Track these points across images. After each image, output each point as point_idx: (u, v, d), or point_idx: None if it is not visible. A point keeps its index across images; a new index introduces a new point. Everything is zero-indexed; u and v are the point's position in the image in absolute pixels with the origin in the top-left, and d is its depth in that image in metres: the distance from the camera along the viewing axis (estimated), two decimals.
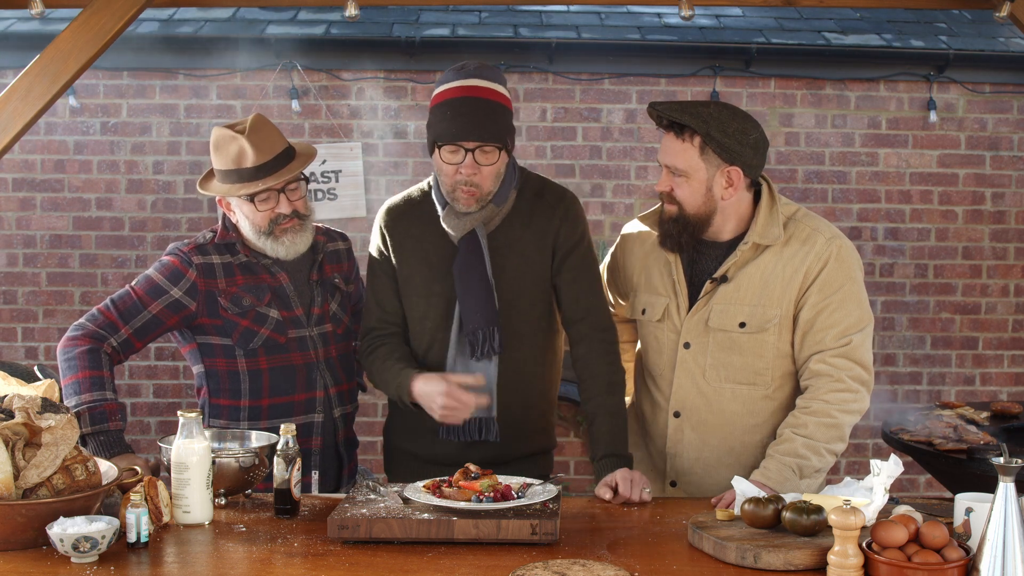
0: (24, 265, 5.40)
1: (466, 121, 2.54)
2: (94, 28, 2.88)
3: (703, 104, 2.61)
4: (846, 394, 2.54)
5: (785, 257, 2.60)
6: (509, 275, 2.68)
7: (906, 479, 5.36)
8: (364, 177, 5.37)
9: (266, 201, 2.72)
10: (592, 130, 5.45)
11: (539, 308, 2.72)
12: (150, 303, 2.72)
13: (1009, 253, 5.60)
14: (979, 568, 1.84)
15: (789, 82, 5.48)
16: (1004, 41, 5.57)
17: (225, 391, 2.79)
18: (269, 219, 2.74)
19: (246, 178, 2.70)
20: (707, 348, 2.64)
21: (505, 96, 2.63)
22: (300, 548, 2.14)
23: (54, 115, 5.31)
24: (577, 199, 2.79)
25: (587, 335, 2.69)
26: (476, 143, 2.55)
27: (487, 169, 2.58)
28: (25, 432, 2.15)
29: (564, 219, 2.71)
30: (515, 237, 2.69)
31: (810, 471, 2.53)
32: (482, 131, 2.55)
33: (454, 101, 2.56)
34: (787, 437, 2.53)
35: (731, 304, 2.61)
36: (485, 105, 2.56)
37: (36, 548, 2.10)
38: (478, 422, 2.66)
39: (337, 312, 2.89)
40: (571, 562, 1.99)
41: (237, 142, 2.70)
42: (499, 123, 2.58)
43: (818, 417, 2.53)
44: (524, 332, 2.71)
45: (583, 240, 2.74)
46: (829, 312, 2.57)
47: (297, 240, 2.77)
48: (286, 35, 5.31)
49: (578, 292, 2.70)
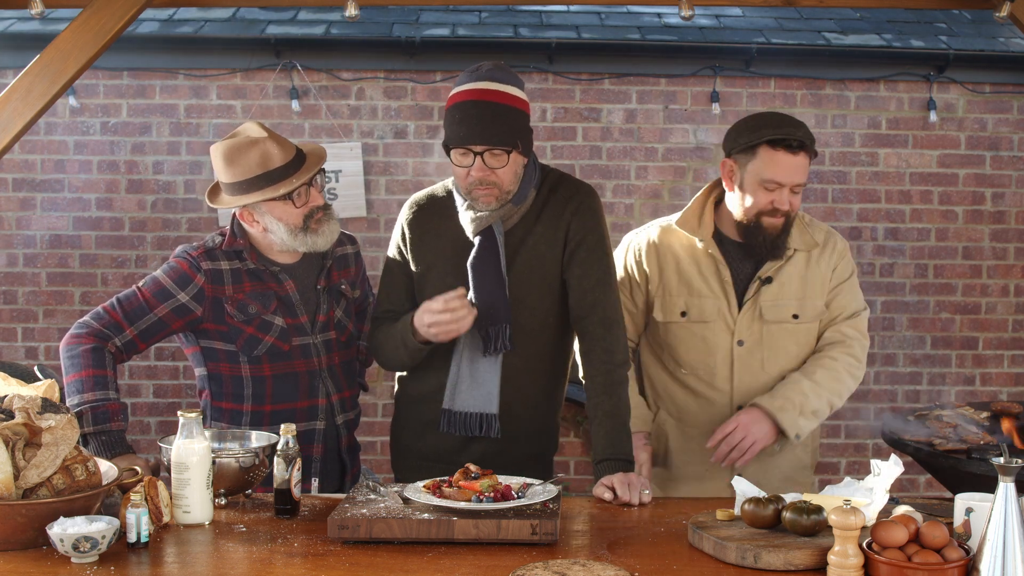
0: (24, 265, 5.40)
1: (474, 124, 2.55)
2: (94, 28, 2.88)
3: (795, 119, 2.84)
4: (853, 360, 2.89)
5: (814, 257, 2.92)
6: (519, 271, 2.68)
7: (906, 479, 5.36)
8: (364, 177, 5.37)
9: (301, 197, 2.72)
10: (592, 130, 5.46)
11: (547, 305, 2.71)
12: (156, 306, 2.72)
13: (1009, 253, 5.60)
14: (979, 568, 1.84)
15: (789, 82, 5.48)
16: (1004, 41, 5.57)
17: (228, 395, 2.79)
18: (304, 215, 2.73)
19: (277, 179, 2.69)
20: (762, 341, 2.89)
21: (518, 98, 2.61)
22: (300, 548, 2.14)
23: (54, 115, 5.31)
24: (594, 193, 2.76)
25: (591, 331, 2.68)
26: (484, 147, 2.56)
27: (501, 171, 2.59)
28: (25, 432, 2.15)
29: (576, 212, 2.70)
30: (527, 232, 2.69)
31: (808, 411, 2.80)
32: (489, 135, 2.55)
33: (464, 104, 2.57)
34: (795, 378, 2.84)
35: (778, 300, 2.88)
36: (495, 108, 2.56)
37: (36, 548, 2.10)
38: (479, 417, 2.66)
39: (342, 319, 2.89)
40: (571, 562, 1.99)
41: (259, 147, 2.68)
42: (508, 126, 2.57)
43: (827, 370, 2.85)
44: (531, 329, 2.70)
45: (595, 234, 2.70)
46: (842, 295, 2.94)
47: (332, 228, 2.79)
48: (286, 35, 5.31)
49: (586, 287, 2.68)
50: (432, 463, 2.75)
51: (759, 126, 2.76)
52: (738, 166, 2.79)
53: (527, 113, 2.65)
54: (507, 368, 2.67)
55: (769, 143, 2.72)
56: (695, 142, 5.47)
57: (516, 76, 2.67)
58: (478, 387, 2.66)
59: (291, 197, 2.70)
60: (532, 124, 2.71)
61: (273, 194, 2.68)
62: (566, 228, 2.69)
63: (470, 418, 2.66)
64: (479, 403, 2.66)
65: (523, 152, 2.65)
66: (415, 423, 2.81)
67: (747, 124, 2.81)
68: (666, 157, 5.48)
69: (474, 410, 2.65)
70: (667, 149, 5.48)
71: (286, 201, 2.71)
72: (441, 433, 2.72)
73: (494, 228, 2.66)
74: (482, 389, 2.66)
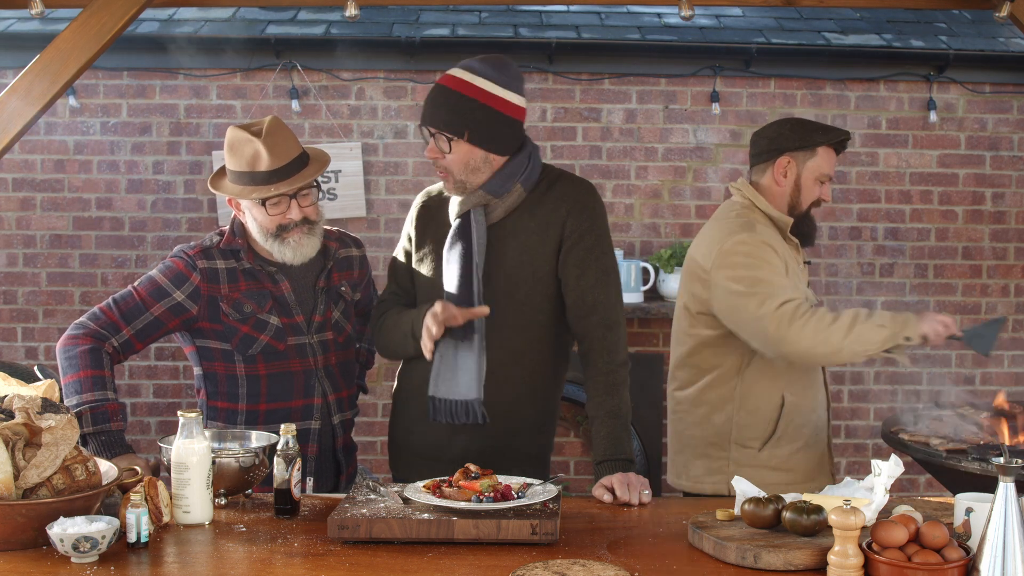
0: (24, 265, 5.40)
1: (429, 106, 2.66)
2: (94, 28, 2.88)
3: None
4: None
5: None
6: (508, 265, 2.68)
7: (906, 479, 5.36)
8: (364, 177, 5.37)
9: (277, 206, 2.72)
10: (592, 130, 5.45)
11: (537, 300, 2.69)
12: (152, 305, 2.72)
13: (1009, 253, 5.59)
14: (979, 568, 1.84)
15: (789, 82, 5.47)
16: (1004, 41, 5.57)
17: (223, 395, 2.79)
18: (278, 224, 2.73)
19: (259, 182, 2.70)
20: None
21: (483, 90, 2.61)
22: (300, 548, 2.14)
23: (54, 115, 5.31)
24: (593, 191, 2.75)
25: (590, 332, 2.67)
26: (432, 129, 2.65)
27: (449, 157, 2.65)
28: (25, 432, 2.15)
29: (572, 210, 2.68)
30: (520, 227, 2.69)
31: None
32: (436, 118, 2.64)
33: (434, 87, 2.67)
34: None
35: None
36: (450, 95, 2.62)
37: (36, 548, 2.10)
38: (462, 404, 2.66)
39: (339, 320, 2.89)
40: (571, 562, 1.99)
41: (252, 145, 2.69)
42: (459, 113, 2.61)
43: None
44: (519, 324, 2.69)
45: (593, 233, 2.68)
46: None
47: (305, 245, 2.77)
48: (286, 35, 5.30)
49: (584, 287, 2.67)
50: (420, 458, 2.76)
51: (813, 129, 3.07)
52: (796, 163, 3.03)
53: (494, 108, 2.62)
54: (492, 361, 2.67)
55: (828, 144, 3.05)
56: (695, 142, 5.47)
57: (508, 73, 2.65)
58: (458, 373, 2.66)
59: (264, 204, 2.71)
60: (532, 124, 2.71)
61: (247, 195, 2.71)
62: (561, 225, 2.68)
63: (455, 405, 2.66)
64: (461, 390, 2.65)
65: (478, 143, 2.63)
66: (405, 418, 2.82)
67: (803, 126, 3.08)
68: (666, 157, 5.48)
69: (457, 397, 2.65)
70: (667, 149, 5.48)
71: (261, 206, 2.72)
72: (428, 426, 2.72)
73: (472, 215, 2.68)
74: (462, 375, 2.65)
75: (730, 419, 2.98)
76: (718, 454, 2.99)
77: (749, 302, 2.81)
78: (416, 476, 2.53)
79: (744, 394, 2.97)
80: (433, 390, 2.69)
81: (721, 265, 2.88)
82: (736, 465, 2.96)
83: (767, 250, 2.89)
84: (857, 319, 2.77)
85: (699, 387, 3.02)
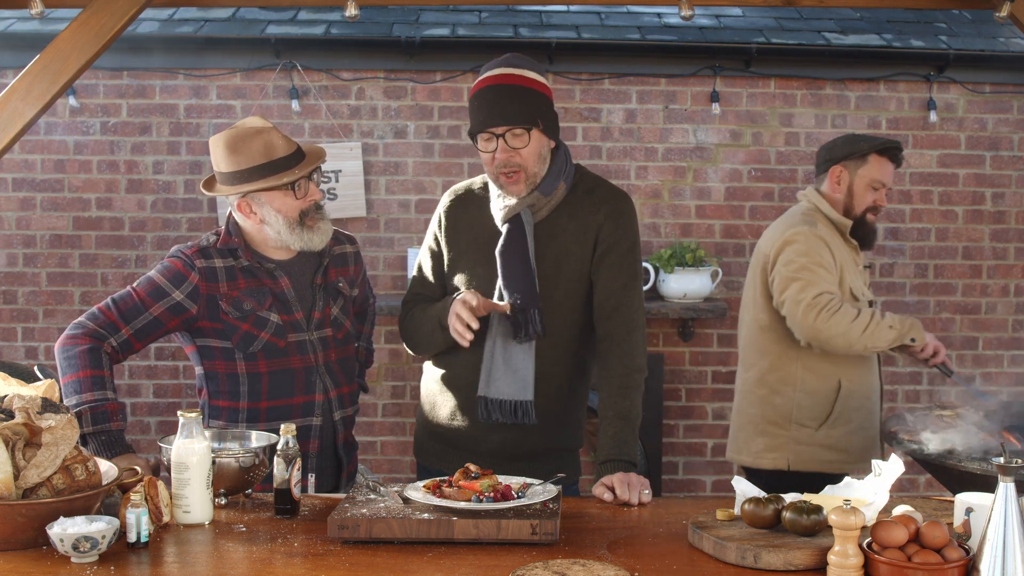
0: (24, 265, 5.40)
1: (493, 107, 2.63)
2: (94, 28, 2.87)
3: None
4: None
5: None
6: (547, 265, 2.71)
7: (906, 479, 5.36)
8: (364, 177, 5.37)
9: (302, 188, 2.74)
10: (592, 130, 5.45)
11: (573, 301, 2.74)
12: (151, 305, 2.72)
13: (1009, 253, 5.59)
14: (979, 568, 1.84)
15: (789, 82, 5.48)
16: (1004, 41, 5.57)
17: (224, 393, 2.79)
18: (301, 209, 2.74)
19: (281, 168, 2.70)
20: None
21: (534, 80, 2.67)
22: (300, 548, 2.14)
23: (54, 115, 5.31)
24: (630, 202, 2.82)
25: (613, 332, 2.70)
26: (504, 127, 2.62)
27: (524, 151, 2.64)
28: (25, 432, 2.15)
29: (609, 216, 2.74)
30: (559, 228, 2.73)
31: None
32: (507, 114, 2.62)
33: (482, 91, 2.66)
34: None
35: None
36: (511, 90, 2.63)
37: (36, 548, 2.10)
38: (513, 404, 2.67)
39: (339, 316, 2.89)
40: (571, 562, 1.99)
41: (263, 136, 2.69)
42: (525, 103, 2.63)
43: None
44: (556, 325, 2.72)
45: (627, 240, 2.75)
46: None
47: (326, 227, 2.81)
48: (286, 35, 5.30)
49: (612, 289, 2.72)
50: (454, 449, 2.79)
51: (861, 139, 3.46)
52: (848, 171, 3.40)
53: (547, 96, 2.70)
54: (537, 359, 2.69)
55: (879, 151, 3.38)
56: (695, 142, 5.47)
57: (535, 63, 2.73)
58: (513, 373, 2.68)
59: (293, 187, 2.71)
60: None
61: (276, 182, 2.69)
62: (597, 230, 2.73)
63: (505, 405, 2.68)
64: (515, 390, 2.67)
65: (546, 132, 2.68)
66: (442, 409, 2.83)
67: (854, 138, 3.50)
68: (666, 157, 5.48)
69: (509, 397, 2.67)
70: (667, 149, 5.48)
71: (287, 192, 2.72)
72: (467, 420, 2.75)
73: (523, 216, 2.70)
74: (517, 375, 2.67)
75: (790, 400, 3.36)
76: (778, 432, 3.37)
77: (793, 285, 3.22)
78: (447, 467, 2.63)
79: (804, 377, 3.34)
80: (484, 390, 2.70)
81: (781, 250, 3.32)
82: (794, 443, 3.33)
83: (820, 244, 3.30)
84: (873, 319, 3.19)
85: (762, 369, 3.41)
